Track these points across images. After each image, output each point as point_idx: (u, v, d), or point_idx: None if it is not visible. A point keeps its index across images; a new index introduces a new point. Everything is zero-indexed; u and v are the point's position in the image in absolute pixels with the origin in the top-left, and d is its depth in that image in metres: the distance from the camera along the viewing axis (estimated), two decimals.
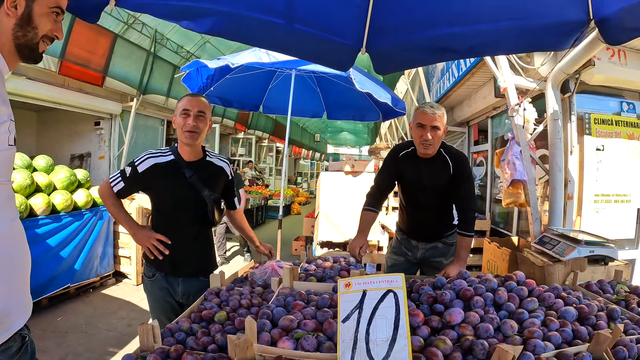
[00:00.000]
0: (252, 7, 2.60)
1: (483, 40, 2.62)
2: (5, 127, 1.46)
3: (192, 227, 2.83)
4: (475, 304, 1.89)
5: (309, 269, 2.80)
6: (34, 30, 1.55)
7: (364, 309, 1.48)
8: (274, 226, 13.40)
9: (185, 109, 2.71)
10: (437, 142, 3.22)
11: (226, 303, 2.23)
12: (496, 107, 7.07)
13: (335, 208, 6.80)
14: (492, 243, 5.27)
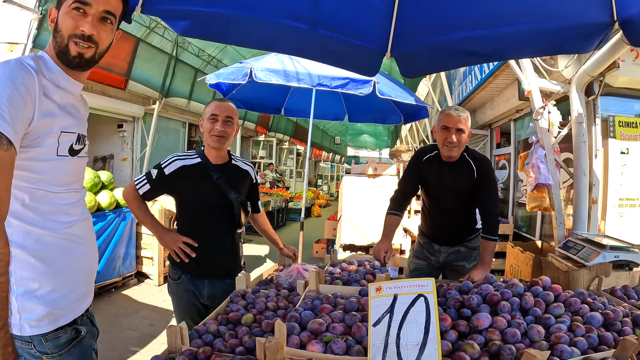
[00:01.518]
0: (276, 13, 2.61)
1: (507, 43, 2.61)
2: (54, 139, 1.52)
3: (219, 229, 2.85)
4: (502, 308, 1.89)
5: (334, 272, 2.81)
6: (60, 34, 1.57)
7: (394, 313, 1.49)
8: (294, 228, 13.52)
9: (213, 113, 2.75)
10: (462, 145, 3.21)
11: (252, 305, 2.25)
12: (519, 109, 7.01)
13: (358, 211, 6.78)
14: (515, 247, 5.22)
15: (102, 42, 1.64)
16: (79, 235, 1.65)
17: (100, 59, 1.68)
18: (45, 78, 1.53)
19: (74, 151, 1.63)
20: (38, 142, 1.47)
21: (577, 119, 4.41)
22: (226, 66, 10.90)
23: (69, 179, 1.63)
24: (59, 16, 1.58)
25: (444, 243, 3.59)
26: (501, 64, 5.84)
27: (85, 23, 1.56)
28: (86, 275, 1.73)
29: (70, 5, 1.55)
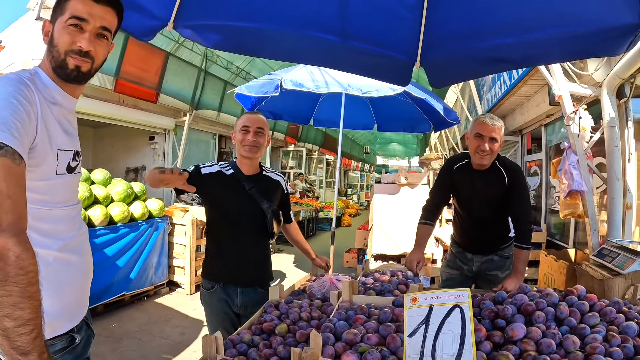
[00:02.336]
0: (306, 25, 2.66)
1: (536, 49, 2.59)
2: (53, 156, 1.53)
3: (251, 238, 2.88)
4: (536, 319, 1.86)
5: (367, 283, 2.81)
6: (55, 49, 1.57)
7: (430, 323, 1.49)
8: (324, 238, 13.53)
9: (245, 125, 2.81)
10: (494, 154, 3.19)
11: (286, 315, 2.26)
12: (549, 114, 6.93)
13: (389, 220, 6.74)
14: (549, 256, 5.14)
15: (98, 57, 1.65)
16: (76, 250, 1.67)
17: (95, 73, 1.68)
18: (42, 94, 1.53)
19: (71, 168, 1.65)
20: (38, 161, 1.47)
21: (609, 122, 4.32)
22: (255, 78, 11.05)
23: (67, 196, 1.65)
24: (55, 31, 1.58)
25: (477, 252, 3.56)
26: (530, 69, 5.79)
27: (82, 39, 1.57)
28: (83, 287, 1.75)
29: (66, 21, 1.55)
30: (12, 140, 1.27)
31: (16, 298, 1.15)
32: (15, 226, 1.22)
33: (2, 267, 1.15)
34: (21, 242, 1.21)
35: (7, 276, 1.15)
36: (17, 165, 1.28)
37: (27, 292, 1.17)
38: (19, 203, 1.26)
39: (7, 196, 1.22)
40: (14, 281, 1.16)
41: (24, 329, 1.15)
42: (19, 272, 1.17)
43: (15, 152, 1.28)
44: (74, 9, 1.55)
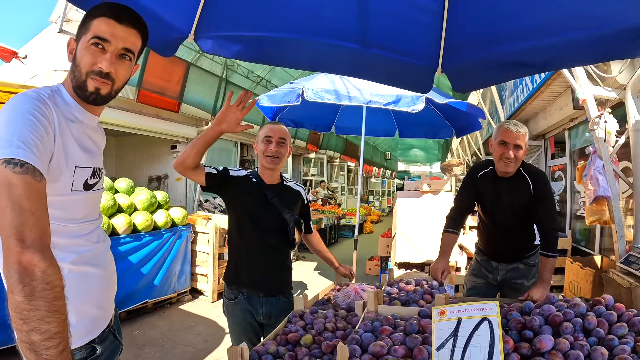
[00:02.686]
0: (326, 34, 2.67)
1: (559, 52, 2.55)
2: (69, 173, 1.54)
3: (273, 247, 2.90)
4: (564, 330, 1.83)
5: (391, 292, 2.79)
6: (77, 69, 1.57)
7: (458, 337, 1.48)
8: (346, 245, 13.50)
9: (267, 135, 2.85)
10: (518, 161, 3.16)
11: (311, 326, 2.26)
12: (573, 118, 6.83)
13: (413, 228, 6.69)
14: (574, 263, 5.07)
15: (119, 79, 1.64)
16: (93, 261, 1.68)
17: (115, 95, 1.68)
18: (62, 111, 1.54)
19: (88, 186, 1.66)
20: (54, 177, 1.47)
21: (634, 126, 4.22)
22: (275, 86, 11.08)
23: (84, 213, 1.66)
24: (78, 50, 1.58)
25: (502, 260, 3.52)
26: (553, 73, 5.72)
27: (103, 60, 1.56)
28: (103, 298, 1.76)
29: (89, 41, 1.55)
30: (33, 158, 1.30)
31: (43, 312, 1.17)
32: (40, 242, 1.24)
33: (28, 282, 1.17)
34: (46, 257, 1.23)
35: (34, 291, 1.17)
36: (39, 182, 1.30)
37: (54, 306, 1.19)
38: (42, 219, 1.28)
39: (31, 213, 1.25)
40: (40, 296, 1.17)
41: (51, 343, 1.16)
42: (46, 287, 1.19)
43: (36, 170, 1.30)
44: (97, 29, 1.55)
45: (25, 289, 1.16)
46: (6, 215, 1.22)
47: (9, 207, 1.23)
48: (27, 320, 1.15)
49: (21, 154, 1.28)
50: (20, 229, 1.21)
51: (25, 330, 1.15)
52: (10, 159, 1.26)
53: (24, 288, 1.16)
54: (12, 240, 1.20)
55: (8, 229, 1.21)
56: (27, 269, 1.18)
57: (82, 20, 1.60)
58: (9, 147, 1.28)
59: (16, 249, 1.19)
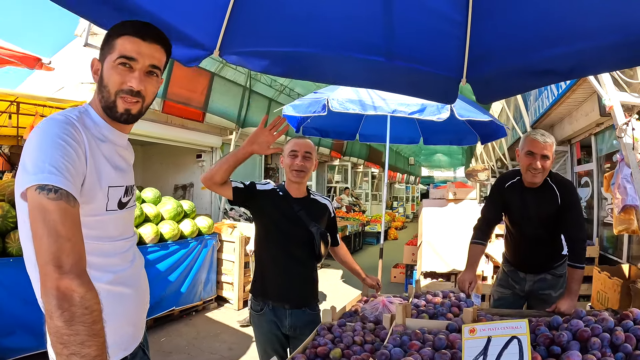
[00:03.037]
0: (352, 47, 2.68)
1: (584, 59, 2.51)
2: (102, 193, 1.56)
3: (299, 259, 2.93)
4: (592, 345, 1.81)
5: (419, 305, 2.80)
6: (105, 89, 1.57)
7: (488, 355, 1.48)
8: (371, 252, 13.49)
9: (293, 150, 2.89)
10: (546, 172, 3.13)
11: (339, 339, 2.27)
12: (599, 123, 6.73)
13: (439, 237, 6.65)
14: (602, 272, 4.98)
15: (148, 95, 1.65)
16: (129, 282, 1.69)
17: (145, 112, 1.69)
18: (92, 132, 1.55)
19: (122, 204, 1.67)
20: (88, 198, 1.49)
21: None
22: (298, 94, 11.12)
23: (119, 231, 1.68)
24: (104, 70, 1.58)
25: (529, 271, 3.48)
26: (578, 79, 5.66)
27: (132, 78, 1.57)
28: (137, 317, 1.78)
29: (115, 61, 1.55)
30: (66, 183, 1.31)
31: (83, 336, 1.18)
32: (77, 267, 1.25)
33: (67, 307, 1.19)
34: (84, 282, 1.24)
35: (73, 316, 1.18)
36: (72, 207, 1.31)
37: (93, 330, 1.21)
38: (78, 244, 1.29)
39: (67, 239, 1.26)
40: (80, 321, 1.19)
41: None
42: (85, 312, 1.20)
43: (70, 195, 1.31)
44: (122, 49, 1.56)
45: (64, 314, 1.18)
46: (43, 241, 1.24)
47: (45, 233, 1.24)
48: (68, 344, 1.17)
49: (54, 179, 1.29)
50: (57, 255, 1.22)
51: (65, 354, 1.17)
52: (44, 185, 1.28)
53: (63, 313, 1.18)
54: (49, 267, 1.21)
55: (45, 256, 1.22)
56: (65, 295, 1.19)
57: (105, 40, 1.61)
58: (41, 173, 1.29)
59: (54, 275, 1.20)
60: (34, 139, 1.38)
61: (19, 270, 4.37)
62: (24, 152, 1.37)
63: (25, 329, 4.45)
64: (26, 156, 1.35)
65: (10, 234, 4.68)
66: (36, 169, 1.30)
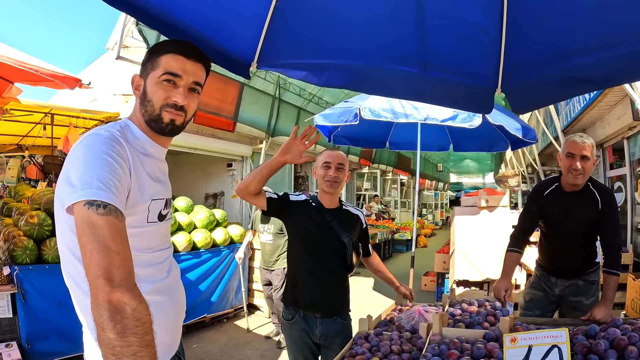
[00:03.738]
0: (387, 58, 2.70)
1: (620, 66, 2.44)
2: (144, 206, 1.61)
3: (330, 269, 2.97)
4: (629, 354, 1.81)
5: (454, 314, 2.81)
6: (150, 104, 1.63)
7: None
8: (401, 260, 13.43)
9: (326, 161, 2.96)
10: (587, 173, 3.16)
11: (377, 348, 2.30)
12: (632, 127, 6.64)
13: (471, 245, 6.61)
14: (637, 280, 4.92)
15: (191, 110, 1.71)
16: (166, 292, 1.75)
17: (186, 126, 1.76)
18: (134, 147, 1.60)
19: (162, 216, 1.72)
20: (131, 211, 1.54)
21: None
22: (327, 103, 11.17)
23: (157, 242, 1.73)
24: (148, 86, 1.65)
25: (561, 276, 3.48)
26: None
27: (177, 94, 1.63)
28: (174, 326, 1.84)
29: (160, 77, 1.62)
30: (114, 199, 1.35)
31: (135, 348, 1.21)
32: (128, 280, 1.29)
33: (120, 320, 1.21)
34: (135, 295, 1.28)
35: (125, 328, 1.21)
36: (120, 221, 1.36)
37: (145, 341, 1.23)
38: (127, 258, 1.33)
39: (117, 253, 1.30)
40: (132, 332, 1.21)
41: None
42: (137, 324, 1.23)
43: (117, 210, 1.36)
44: (167, 66, 1.63)
45: (117, 326, 1.21)
46: (93, 256, 1.27)
47: (95, 248, 1.28)
48: (120, 356, 1.19)
49: (102, 195, 1.33)
50: (108, 269, 1.26)
51: None
52: (93, 201, 1.32)
53: (115, 326, 1.21)
54: (100, 280, 1.24)
55: (96, 270, 1.26)
56: (117, 308, 1.22)
57: (148, 57, 1.68)
58: (89, 189, 1.33)
59: (105, 288, 1.23)
60: (80, 154, 1.43)
61: (54, 277, 4.55)
62: (68, 165, 1.43)
63: (59, 334, 4.61)
64: (71, 170, 1.40)
65: (46, 242, 4.82)
66: (84, 184, 1.34)
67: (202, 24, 2.28)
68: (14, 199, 6.78)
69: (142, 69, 1.69)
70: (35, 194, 5.68)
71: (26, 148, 10.18)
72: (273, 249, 5.79)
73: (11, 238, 4.68)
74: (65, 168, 1.43)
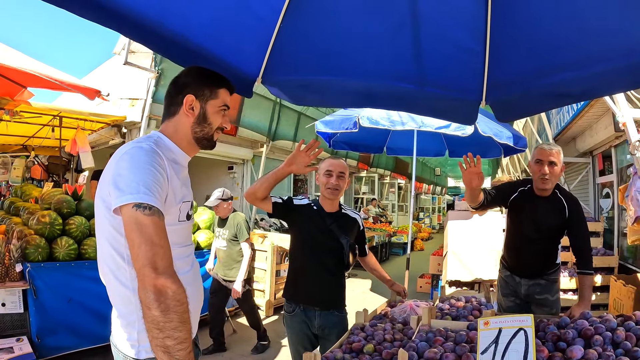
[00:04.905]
0: (386, 76, 2.93)
1: (596, 82, 2.64)
2: (176, 208, 1.89)
3: (328, 267, 3.23)
4: (594, 342, 2.04)
5: (443, 308, 3.05)
6: (209, 126, 1.97)
7: (499, 343, 1.77)
8: (398, 263, 13.61)
9: (328, 170, 3.21)
10: (554, 178, 3.41)
11: (372, 337, 2.55)
12: (619, 135, 6.83)
13: (463, 247, 6.80)
14: (618, 280, 5.17)
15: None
16: (191, 282, 1.98)
17: None
18: (166, 157, 1.83)
19: (189, 216, 1.98)
20: (167, 212, 1.74)
21: None
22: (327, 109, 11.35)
23: (184, 238, 1.98)
24: (210, 112, 1.97)
25: (524, 275, 3.72)
26: None
27: (227, 121, 2.04)
28: (194, 315, 2.06)
29: (219, 107, 1.99)
30: (156, 202, 1.62)
31: (176, 323, 1.49)
32: (169, 269, 1.56)
33: (163, 300, 1.49)
34: (175, 281, 1.55)
35: (168, 307, 1.48)
36: (161, 220, 1.63)
37: (183, 318, 1.52)
38: (168, 250, 1.60)
39: (160, 246, 1.57)
40: (173, 311, 1.49)
41: (182, 346, 1.48)
42: (177, 304, 1.51)
43: (159, 211, 1.63)
44: (225, 99, 2.01)
45: (161, 306, 1.48)
46: (141, 249, 1.54)
47: (142, 242, 1.54)
48: (164, 329, 1.47)
49: (147, 198, 1.60)
50: (154, 260, 1.53)
51: (161, 338, 1.47)
52: (140, 204, 1.58)
53: (160, 305, 1.48)
54: (147, 269, 1.51)
55: (143, 260, 1.52)
56: (161, 291, 1.49)
57: (205, 84, 1.99)
58: (137, 194, 1.59)
59: (151, 275, 1.50)
60: (127, 164, 1.69)
61: (64, 274, 4.83)
62: (113, 172, 1.69)
63: (68, 329, 4.81)
64: (118, 177, 1.66)
65: (57, 240, 5.03)
66: (132, 189, 1.60)
67: (212, 44, 2.55)
68: (20, 198, 6.99)
69: (197, 93, 1.97)
70: (44, 194, 5.84)
71: (32, 148, 10.40)
72: (226, 256, 5.74)
73: (23, 236, 4.87)
74: (110, 174, 1.70)
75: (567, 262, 6.64)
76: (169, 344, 1.47)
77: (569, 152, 9.03)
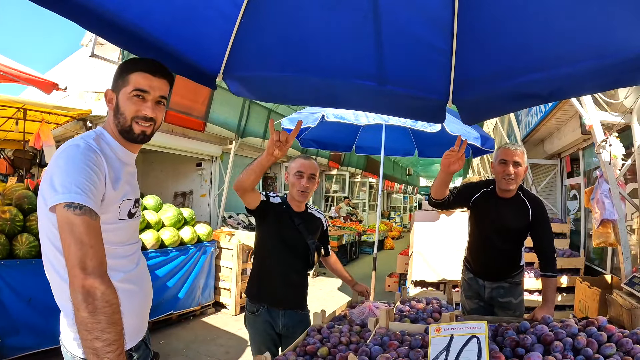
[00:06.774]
0: (349, 74, 2.88)
1: (564, 83, 2.64)
2: (116, 206, 1.86)
3: (294, 267, 3.20)
4: (554, 348, 1.99)
5: (403, 310, 3.01)
6: (122, 116, 1.88)
7: (450, 351, 1.72)
8: (367, 261, 13.56)
9: (299, 171, 3.15)
10: (518, 179, 3.33)
11: (327, 339, 2.49)
12: (586, 138, 6.92)
13: (429, 247, 6.81)
14: (583, 282, 5.18)
15: (158, 120, 1.97)
16: (135, 281, 1.99)
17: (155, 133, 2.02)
18: (107, 154, 1.83)
19: (131, 214, 1.96)
20: (105, 210, 1.77)
21: (639, 148, 4.37)
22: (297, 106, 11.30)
23: (127, 237, 1.96)
24: (120, 100, 1.89)
25: (487, 278, 3.66)
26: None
27: (146, 107, 1.89)
28: (142, 313, 2.08)
29: (130, 93, 1.87)
30: (88, 201, 1.59)
31: (104, 325, 1.46)
32: (99, 269, 1.53)
33: (91, 302, 1.46)
34: (105, 281, 1.52)
35: (95, 309, 1.46)
36: (94, 220, 1.60)
37: (112, 319, 1.49)
38: (99, 251, 1.57)
39: (90, 246, 1.54)
40: (101, 312, 1.46)
41: (110, 348, 1.44)
42: (105, 305, 1.48)
43: (92, 210, 1.60)
44: (136, 83, 1.87)
45: (89, 307, 1.45)
46: (71, 249, 1.51)
47: (72, 242, 1.52)
48: (91, 331, 1.44)
49: (78, 198, 1.57)
50: (83, 260, 1.50)
51: (89, 339, 1.44)
52: (71, 203, 1.56)
53: (87, 306, 1.45)
54: (76, 269, 1.48)
55: (73, 260, 1.50)
56: (89, 292, 1.47)
57: (119, 74, 1.92)
58: (68, 193, 1.57)
59: (80, 275, 1.48)
60: (61, 163, 1.67)
61: (25, 272, 4.64)
62: (50, 171, 1.67)
63: (29, 329, 4.66)
64: (54, 176, 1.63)
65: (17, 237, 4.86)
66: (64, 189, 1.58)
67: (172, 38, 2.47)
68: None
69: (113, 85, 1.93)
70: (6, 190, 5.64)
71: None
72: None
73: None
74: (48, 173, 1.67)
75: (533, 263, 6.62)
76: (97, 346, 1.44)
77: (537, 153, 9.13)
